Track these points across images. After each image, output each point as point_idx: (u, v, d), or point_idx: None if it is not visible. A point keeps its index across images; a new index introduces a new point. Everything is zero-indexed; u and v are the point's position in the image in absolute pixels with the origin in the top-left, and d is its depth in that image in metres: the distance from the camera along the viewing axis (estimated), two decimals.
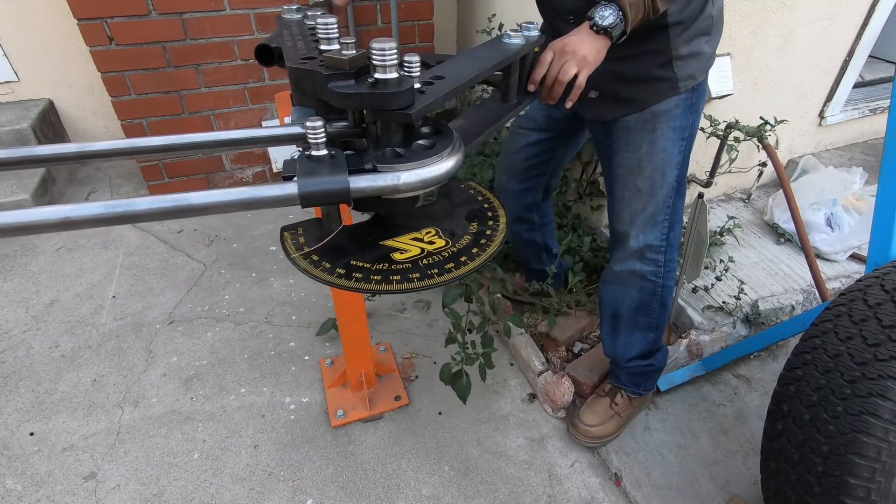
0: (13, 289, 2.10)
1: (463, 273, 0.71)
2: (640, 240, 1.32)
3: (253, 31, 2.38)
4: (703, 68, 1.18)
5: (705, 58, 1.16)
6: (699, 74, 1.17)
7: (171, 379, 1.74)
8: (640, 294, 1.38)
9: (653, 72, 1.14)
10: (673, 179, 1.25)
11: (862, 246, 2.07)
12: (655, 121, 1.19)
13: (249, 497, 1.42)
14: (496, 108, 0.91)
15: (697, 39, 1.12)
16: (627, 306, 1.42)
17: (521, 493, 1.45)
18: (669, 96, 1.16)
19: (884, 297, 0.98)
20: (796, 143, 2.55)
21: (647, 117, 1.19)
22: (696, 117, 1.23)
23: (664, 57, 1.12)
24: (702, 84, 1.20)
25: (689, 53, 1.12)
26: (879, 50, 2.87)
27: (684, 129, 1.21)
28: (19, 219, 0.52)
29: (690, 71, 1.15)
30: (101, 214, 0.53)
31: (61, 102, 2.82)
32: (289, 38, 0.83)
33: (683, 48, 1.11)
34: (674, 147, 1.21)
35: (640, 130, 1.21)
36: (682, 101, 1.18)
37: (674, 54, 1.11)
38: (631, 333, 1.45)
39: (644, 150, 1.22)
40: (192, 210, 0.56)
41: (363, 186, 0.61)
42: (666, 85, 1.15)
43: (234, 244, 2.38)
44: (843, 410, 0.95)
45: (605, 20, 0.92)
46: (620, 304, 1.43)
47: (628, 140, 1.23)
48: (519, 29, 0.88)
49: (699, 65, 1.15)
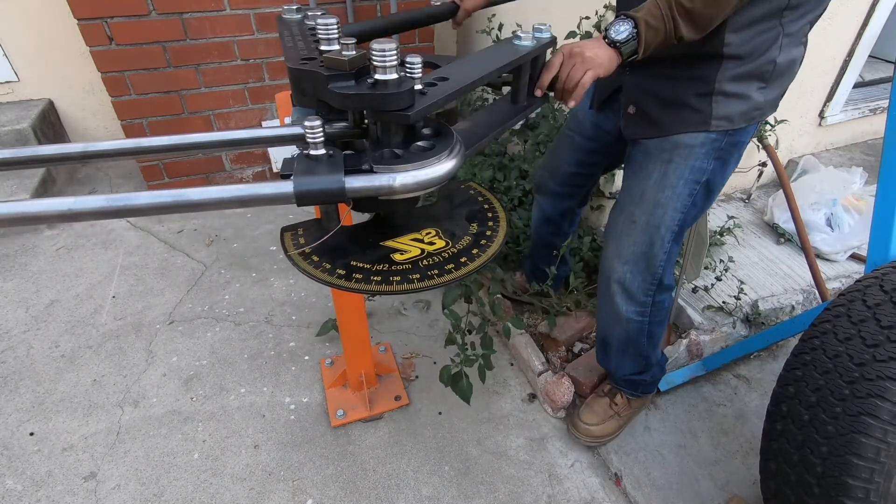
0: (13, 289, 2.10)
1: (463, 274, 0.71)
2: (627, 278, 1.24)
3: (253, 32, 2.38)
4: (747, 116, 1.06)
5: (752, 106, 1.05)
6: (739, 120, 1.06)
7: (171, 379, 1.75)
8: (627, 333, 1.34)
9: (688, 99, 1.06)
10: (674, 223, 1.16)
11: (862, 246, 2.07)
12: (673, 152, 1.11)
13: (249, 497, 1.42)
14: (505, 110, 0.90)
15: (749, 82, 1.02)
16: (616, 338, 1.38)
17: (521, 493, 1.45)
18: (696, 130, 1.08)
19: (883, 298, 0.98)
20: (796, 143, 2.55)
21: (667, 146, 1.11)
22: (722, 167, 1.13)
23: (705, 87, 1.03)
24: (740, 134, 1.09)
25: (734, 93, 1.03)
26: (879, 50, 2.87)
27: (702, 171, 1.11)
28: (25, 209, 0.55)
29: (729, 112, 1.05)
30: (102, 207, 0.55)
31: (61, 102, 2.82)
32: (289, 38, 0.83)
33: (729, 85, 1.02)
34: (684, 188, 1.12)
35: (655, 159, 1.14)
36: (710, 141, 1.08)
37: (716, 87, 1.02)
38: (621, 360, 1.44)
39: (653, 180, 1.14)
40: (189, 206, 0.57)
41: (358, 186, 0.61)
42: (696, 117, 1.06)
43: (234, 244, 2.38)
44: (841, 411, 0.95)
45: (618, 34, 0.90)
46: (609, 335, 1.39)
47: (642, 166, 1.17)
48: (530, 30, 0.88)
49: (741, 110, 1.05)
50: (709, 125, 1.06)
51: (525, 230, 2.05)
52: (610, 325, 1.37)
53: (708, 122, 1.06)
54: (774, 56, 1.00)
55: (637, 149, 1.19)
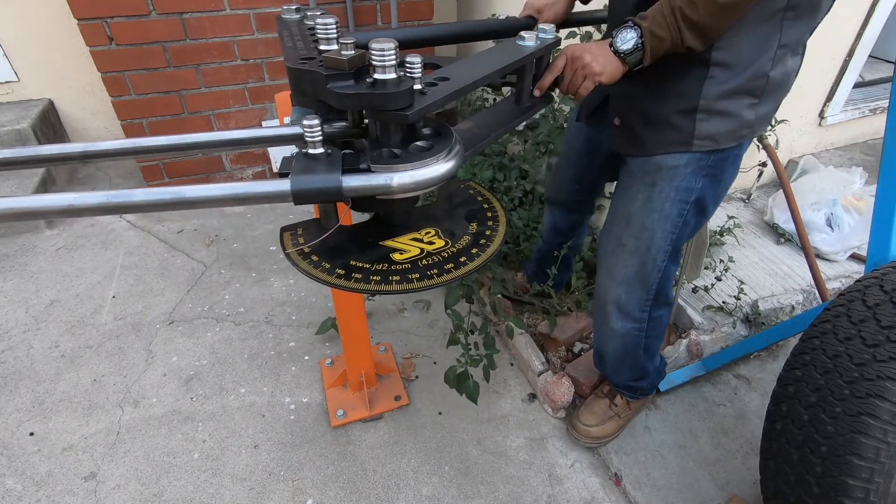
0: (13, 289, 2.10)
1: (462, 273, 0.71)
2: (622, 298, 1.21)
3: (253, 31, 2.38)
4: (735, 135, 0.98)
5: (741, 124, 0.96)
6: (725, 140, 0.98)
7: (171, 379, 1.75)
8: (624, 348, 1.32)
9: (670, 117, 0.98)
10: (667, 244, 1.11)
11: (862, 246, 2.07)
12: (656, 174, 1.04)
13: (249, 497, 1.42)
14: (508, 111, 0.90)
15: (739, 98, 0.94)
16: (611, 352, 1.35)
17: (521, 493, 1.45)
18: (677, 151, 1.00)
19: (882, 298, 0.98)
20: (796, 143, 2.55)
21: (649, 169, 1.05)
22: (713, 184, 1.05)
23: (688, 103, 0.95)
24: (728, 153, 1.01)
25: (721, 111, 0.94)
26: (879, 50, 2.86)
27: (690, 191, 1.04)
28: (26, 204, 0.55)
29: (714, 132, 0.97)
30: (101, 203, 0.56)
31: (61, 102, 2.82)
32: (288, 38, 0.83)
33: (716, 101, 0.94)
34: (672, 208, 1.06)
35: (639, 182, 1.08)
36: (694, 161, 1.00)
37: (701, 104, 0.94)
38: (618, 370, 1.43)
39: (638, 203, 1.09)
40: (187, 203, 0.58)
41: (356, 186, 0.61)
42: (677, 136, 0.99)
43: (234, 244, 2.38)
44: (841, 411, 0.95)
45: (624, 44, 0.87)
46: (604, 350, 1.37)
47: (627, 187, 1.11)
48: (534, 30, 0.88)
49: (729, 129, 0.97)
50: (690, 146, 0.98)
51: (525, 230, 2.05)
52: (605, 340, 1.35)
53: (690, 143, 0.98)
54: (767, 69, 0.92)
55: (623, 168, 1.14)
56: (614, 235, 1.17)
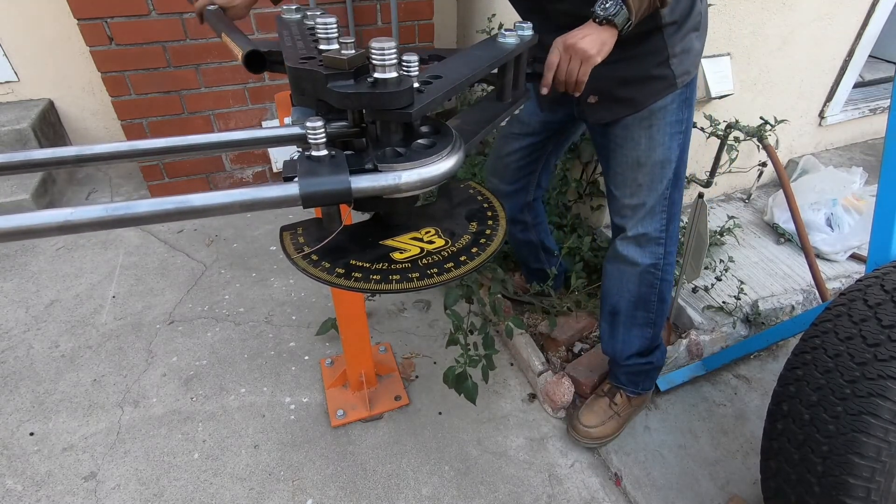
0: (13, 289, 2.10)
1: (462, 273, 0.71)
2: (638, 229, 1.33)
3: (253, 31, 2.38)
4: (695, 63, 1.21)
5: (696, 53, 1.19)
6: (693, 70, 1.20)
7: (171, 379, 1.74)
8: (639, 287, 1.39)
9: (651, 71, 1.15)
10: (671, 173, 1.27)
11: (862, 246, 2.07)
12: (652, 118, 1.21)
13: (249, 497, 1.42)
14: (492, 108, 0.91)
15: (689, 36, 1.15)
16: (626, 300, 1.42)
17: (521, 493, 1.45)
18: (667, 94, 1.18)
19: (884, 297, 0.98)
20: (796, 143, 2.55)
21: (645, 115, 1.21)
22: (690, 111, 1.26)
23: (661, 56, 1.14)
24: (694, 79, 1.23)
25: (683, 50, 1.15)
26: (879, 50, 2.86)
27: (680, 122, 1.24)
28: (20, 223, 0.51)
29: (685, 67, 1.17)
30: (101, 217, 0.52)
31: (61, 102, 2.82)
32: (288, 38, 0.83)
33: (678, 46, 1.14)
34: (672, 141, 1.24)
35: (637, 128, 1.23)
36: (678, 96, 1.20)
37: (670, 52, 1.13)
38: (629, 330, 1.45)
39: (643, 146, 1.24)
40: (193, 212, 0.56)
41: (364, 186, 0.61)
42: (664, 83, 1.17)
43: (234, 244, 2.38)
44: (842, 410, 0.95)
45: (606, 10, 0.92)
46: (619, 299, 1.43)
47: (627, 137, 1.25)
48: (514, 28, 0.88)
49: (691, 60, 1.18)
50: (675, 85, 1.17)
51: None
52: (620, 288, 1.41)
53: (674, 84, 1.17)
54: (699, 8, 1.14)
55: (615, 126, 1.26)
56: (629, 181, 1.29)
